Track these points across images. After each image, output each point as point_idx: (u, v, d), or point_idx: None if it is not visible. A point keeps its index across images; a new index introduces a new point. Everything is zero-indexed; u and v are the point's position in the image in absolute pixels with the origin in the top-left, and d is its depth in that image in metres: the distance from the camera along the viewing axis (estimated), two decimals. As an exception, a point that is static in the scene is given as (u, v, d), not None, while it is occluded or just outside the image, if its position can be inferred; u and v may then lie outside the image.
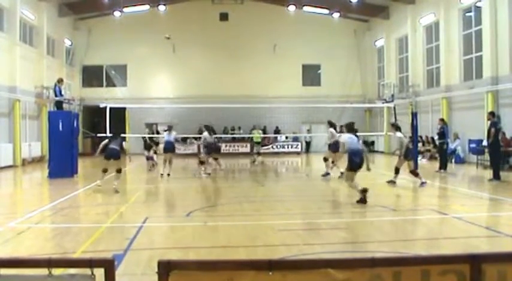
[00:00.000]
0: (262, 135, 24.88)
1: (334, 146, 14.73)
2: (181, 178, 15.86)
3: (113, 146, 12.03)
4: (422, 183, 12.89)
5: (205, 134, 16.37)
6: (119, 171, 12.13)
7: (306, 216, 9.09)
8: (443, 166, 16.64)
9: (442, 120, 17.56)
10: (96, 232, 7.34)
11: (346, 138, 10.49)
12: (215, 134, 17.27)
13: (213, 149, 16.40)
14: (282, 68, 31.01)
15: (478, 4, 19.96)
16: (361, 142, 11.13)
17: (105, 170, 12.36)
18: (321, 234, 7.35)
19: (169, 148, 15.98)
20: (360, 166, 10.24)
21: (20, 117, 21.64)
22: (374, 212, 9.28)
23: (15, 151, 21.13)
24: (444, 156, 16.94)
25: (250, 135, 25.84)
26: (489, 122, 14.08)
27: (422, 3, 24.90)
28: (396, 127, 13.96)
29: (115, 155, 12.04)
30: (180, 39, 30.36)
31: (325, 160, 15.38)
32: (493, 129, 13.57)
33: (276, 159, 25.47)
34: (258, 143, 23.32)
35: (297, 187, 14.46)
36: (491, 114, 14.13)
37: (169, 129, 16.53)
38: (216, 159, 16.86)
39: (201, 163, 16.44)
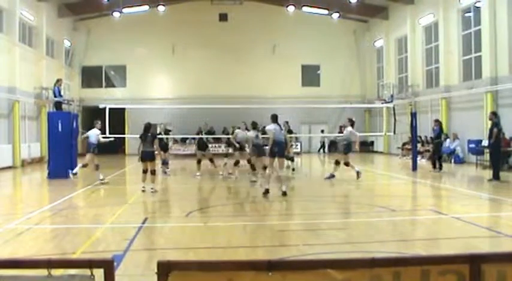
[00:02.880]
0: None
1: (347, 148, 14.61)
2: (181, 178, 15.85)
3: (145, 148, 12.01)
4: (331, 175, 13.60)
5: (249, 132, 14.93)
6: (152, 172, 12.09)
7: (306, 216, 9.10)
8: (438, 165, 17.02)
9: (437, 121, 17.96)
10: (96, 232, 7.34)
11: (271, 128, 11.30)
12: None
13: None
14: (282, 68, 31.02)
15: (477, 4, 19.98)
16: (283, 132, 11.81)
17: (144, 171, 12.24)
18: (321, 234, 7.35)
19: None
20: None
21: (19, 118, 21.63)
22: (374, 213, 9.28)
23: (14, 151, 21.11)
24: (439, 155, 17.41)
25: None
26: (490, 122, 14.08)
27: (421, 4, 24.92)
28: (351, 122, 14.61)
29: (149, 157, 12.05)
30: (179, 40, 30.40)
31: (337, 162, 14.64)
32: (495, 130, 13.57)
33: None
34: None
35: (296, 187, 14.44)
36: (494, 114, 14.12)
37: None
38: (211, 160, 16.35)
39: (236, 163, 15.43)
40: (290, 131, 17.74)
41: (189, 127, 27.05)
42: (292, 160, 17.23)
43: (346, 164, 14.52)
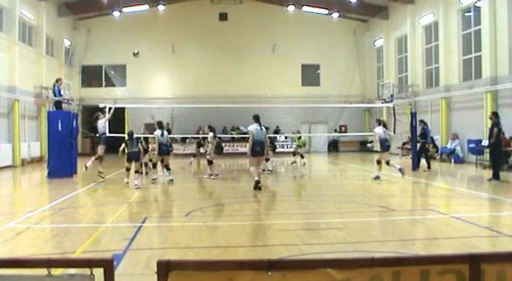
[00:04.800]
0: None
1: (384, 146, 14.71)
2: (180, 178, 15.83)
3: (132, 149, 13.33)
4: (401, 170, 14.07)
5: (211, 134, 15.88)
6: (137, 171, 13.40)
7: (305, 216, 9.10)
8: (428, 165, 17.43)
9: (422, 121, 18.09)
10: (96, 232, 7.34)
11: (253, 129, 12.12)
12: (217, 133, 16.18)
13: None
14: (281, 68, 31.02)
15: (477, 4, 19.97)
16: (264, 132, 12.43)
17: (128, 169, 13.41)
18: (320, 234, 7.35)
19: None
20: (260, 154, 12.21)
21: (19, 117, 21.62)
22: (373, 212, 9.28)
23: (14, 151, 21.11)
24: (426, 155, 18.03)
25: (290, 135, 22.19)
26: (491, 121, 14.09)
27: (421, 3, 24.91)
28: (379, 122, 15.12)
29: (135, 157, 13.38)
30: (179, 39, 30.39)
31: (378, 162, 14.71)
32: (495, 129, 13.58)
33: (276, 159, 25.49)
34: (301, 146, 21.04)
35: (296, 186, 14.46)
36: (494, 114, 14.13)
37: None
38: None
39: (210, 162, 15.65)
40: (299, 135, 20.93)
41: (189, 126, 27.19)
42: (302, 156, 20.42)
43: (387, 162, 14.66)
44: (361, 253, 5.95)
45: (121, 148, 13.82)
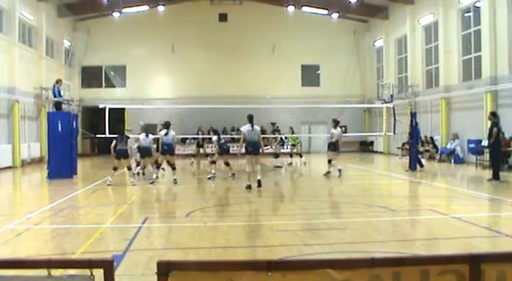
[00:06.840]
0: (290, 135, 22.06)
1: (333, 146, 15.60)
2: (181, 178, 15.82)
3: (120, 146, 13.70)
4: (339, 170, 14.98)
5: (215, 137, 16.02)
6: (129, 168, 13.92)
7: (305, 216, 9.10)
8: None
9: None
10: (96, 232, 7.34)
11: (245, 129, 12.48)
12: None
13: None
14: (281, 68, 31.03)
15: (477, 4, 19.98)
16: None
17: (115, 169, 13.71)
18: (320, 234, 7.35)
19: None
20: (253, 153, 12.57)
21: (19, 118, 21.62)
22: (373, 213, 9.28)
23: (14, 151, 21.10)
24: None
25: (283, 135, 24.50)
26: (490, 122, 14.10)
27: (421, 4, 24.93)
28: (336, 122, 15.89)
29: (124, 154, 13.75)
30: (179, 40, 30.40)
31: (330, 161, 15.77)
32: (495, 129, 13.59)
33: (276, 159, 25.51)
34: (294, 145, 22.07)
35: (296, 187, 14.46)
36: (493, 114, 14.14)
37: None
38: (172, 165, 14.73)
39: (213, 163, 15.80)
40: (293, 132, 21.76)
41: (189, 127, 27.21)
42: (301, 155, 21.36)
43: (329, 161, 15.72)
44: (361, 253, 5.95)
45: (112, 145, 14.08)
